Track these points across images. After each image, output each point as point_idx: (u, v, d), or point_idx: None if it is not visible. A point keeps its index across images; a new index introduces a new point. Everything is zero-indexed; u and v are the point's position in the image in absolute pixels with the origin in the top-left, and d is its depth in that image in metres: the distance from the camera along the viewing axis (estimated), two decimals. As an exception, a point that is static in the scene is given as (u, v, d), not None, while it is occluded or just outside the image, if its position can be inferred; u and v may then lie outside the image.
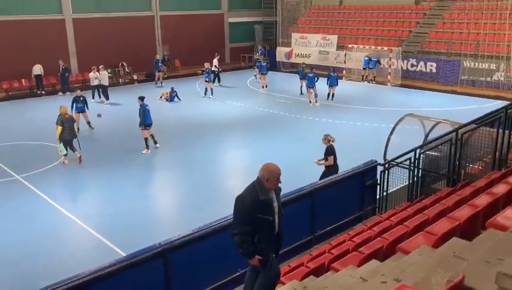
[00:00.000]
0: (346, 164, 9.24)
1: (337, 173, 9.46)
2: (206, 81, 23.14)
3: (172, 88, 22.50)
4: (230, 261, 6.47)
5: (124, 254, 8.07)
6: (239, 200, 4.65)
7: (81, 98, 16.62)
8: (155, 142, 14.75)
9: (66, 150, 13.50)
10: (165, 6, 30.86)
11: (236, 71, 31.47)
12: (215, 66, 25.82)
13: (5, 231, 9.57)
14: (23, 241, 9.14)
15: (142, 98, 14.44)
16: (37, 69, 24.35)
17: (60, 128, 13.40)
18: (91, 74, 22.25)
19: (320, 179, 9.21)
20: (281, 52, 31.81)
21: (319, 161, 10.14)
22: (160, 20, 30.87)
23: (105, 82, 22.30)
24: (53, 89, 24.58)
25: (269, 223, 4.65)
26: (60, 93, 23.80)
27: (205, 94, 23.12)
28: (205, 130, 17.09)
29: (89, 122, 16.98)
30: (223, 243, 6.39)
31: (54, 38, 26.19)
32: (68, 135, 13.48)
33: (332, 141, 10.00)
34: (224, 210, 6.39)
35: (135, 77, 28.62)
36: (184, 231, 6.24)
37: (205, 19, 32.81)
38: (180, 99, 22.23)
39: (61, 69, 23.77)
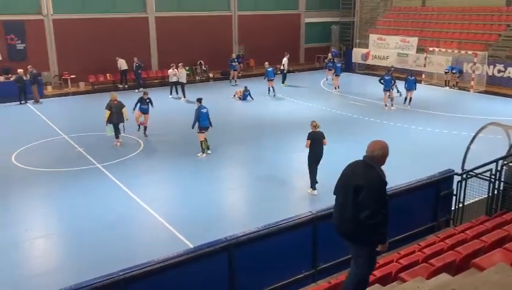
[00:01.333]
0: (421, 172, 8.86)
1: (311, 159, 11.03)
2: (268, 80, 23.38)
3: (245, 87, 22.83)
4: (294, 262, 6.47)
5: (191, 246, 8.35)
6: (379, 181, 4.45)
7: (147, 100, 16.24)
8: (207, 148, 14.24)
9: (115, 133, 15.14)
10: (242, 6, 31.39)
11: (310, 72, 31.31)
12: (283, 66, 25.84)
13: (93, 216, 10.25)
14: (106, 226, 9.71)
15: (199, 100, 14.01)
16: (123, 64, 25.74)
17: (108, 112, 14.90)
18: (170, 71, 23.18)
19: None
20: (357, 54, 31.19)
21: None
22: (237, 20, 31.45)
23: (184, 79, 23.09)
24: (134, 84, 25.84)
25: (387, 205, 4.55)
26: (137, 90, 24.75)
27: (268, 93, 23.43)
28: (276, 130, 17.16)
29: (145, 128, 16.32)
30: (288, 243, 6.40)
31: (137, 36, 27.59)
32: (115, 119, 14.96)
33: (317, 127, 11.14)
34: (290, 210, 6.39)
35: (211, 75, 29.41)
36: (250, 228, 6.31)
37: (281, 19, 32.96)
38: (252, 98, 22.51)
39: (134, 66, 24.78)
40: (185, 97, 22.73)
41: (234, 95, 23.05)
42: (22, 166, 13.43)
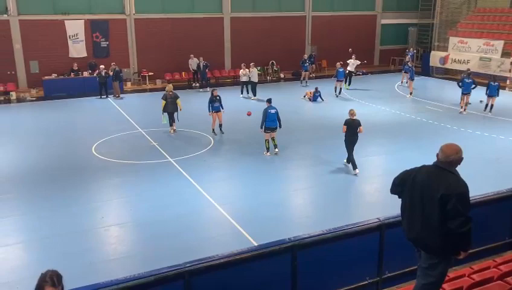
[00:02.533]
0: (500, 184, 8.31)
1: (347, 143, 12.79)
2: (337, 80, 23.11)
3: (316, 88, 22.65)
4: (358, 269, 6.32)
5: (255, 244, 8.43)
6: (464, 186, 4.32)
7: (217, 98, 16.49)
8: (275, 147, 14.32)
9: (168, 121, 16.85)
10: (317, 6, 31.16)
11: (384, 74, 30.44)
12: (350, 67, 25.30)
13: (162, 208, 10.67)
14: (175, 218, 10.07)
15: (269, 101, 14.21)
16: (194, 64, 26.42)
17: (163, 102, 16.66)
18: (241, 71, 23.59)
19: None
20: (435, 57, 29.83)
21: None
22: (311, 21, 31.27)
23: (255, 79, 23.34)
24: (207, 82, 26.46)
25: None
26: (201, 89, 25.24)
27: (335, 92, 23.23)
28: (346, 133, 16.87)
29: (220, 125, 16.69)
30: (354, 249, 6.27)
31: (212, 36, 28.29)
32: (170, 108, 16.63)
33: (354, 116, 12.57)
34: (357, 215, 6.25)
35: (282, 76, 29.49)
36: (315, 230, 6.25)
37: (356, 20, 32.31)
38: (323, 100, 22.28)
39: (201, 66, 25.26)
40: (255, 96, 22.97)
41: (304, 96, 22.95)
42: (101, 157, 14.25)
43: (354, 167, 12.76)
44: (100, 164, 13.69)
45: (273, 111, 14.03)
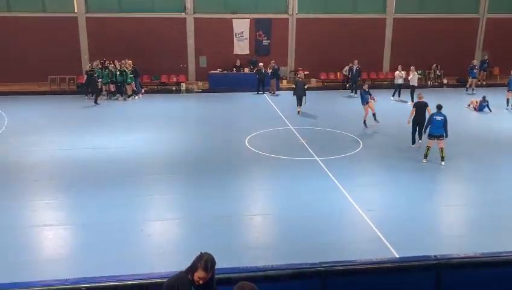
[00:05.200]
0: None
1: (414, 123, 14.73)
2: (508, 90, 20.70)
3: (483, 97, 20.57)
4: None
5: (397, 255, 8.05)
6: None
7: (368, 91, 17.42)
8: (442, 159, 13.40)
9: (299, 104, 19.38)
10: (493, 7, 28.24)
11: None
12: None
13: (305, 205, 10.84)
14: (315, 216, 10.17)
15: (438, 107, 13.50)
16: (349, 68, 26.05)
17: (295, 86, 19.79)
18: (396, 73, 22.83)
19: None
20: None
21: None
22: (485, 24, 28.49)
23: (414, 82, 22.17)
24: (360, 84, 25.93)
25: None
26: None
27: (507, 105, 20.79)
28: (514, 149, 15.06)
29: (374, 114, 17.40)
30: (509, 278, 5.58)
31: (373, 37, 27.64)
32: (297, 93, 19.63)
33: (422, 98, 14.81)
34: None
35: (445, 81, 27.49)
36: (465, 251, 5.72)
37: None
38: (490, 111, 20.17)
39: (354, 69, 24.67)
40: (412, 101, 21.83)
41: (469, 105, 21.06)
42: (253, 149, 15.00)
43: (413, 142, 14.80)
44: (251, 156, 14.42)
45: (439, 118, 13.33)
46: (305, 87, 19.98)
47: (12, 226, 9.57)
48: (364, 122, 17.47)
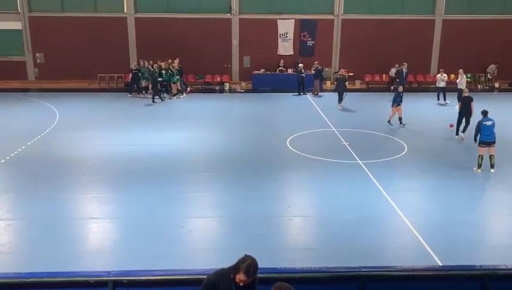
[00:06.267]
0: None
1: (460, 115, 15.89)
2: None
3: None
4: None
5: (439, 263, 7.81)
6: None
7: (402, 94, 17.70)
8: (491, 166, 12.89)
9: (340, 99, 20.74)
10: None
11: None
12: None
13: (345, 208, 10.72)
14: (353, 221, 10.03)
15: (484, 113, 12.98)
16: (396, 70, 25.46)
17: (335, 83, 20.95)
18: (438, 76, 22.34)
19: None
20: None
21: None
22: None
23: (462, 86, 21.37)
24: (409, 87, 25.35)
25: None
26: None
27: None
28: None
29: (400, 118, 17.58)
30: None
31: (420, 38, 26.95)
32: (338, 89, 21.11)
33: (467, 93, 15.98)
34: None
35: (496, 85, 26.42)
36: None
37: None
38: (545, 117, 19.24)
39: (404, 72, 24.13)
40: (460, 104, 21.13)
41: (522, 110, 20.19)
42: (294, 150, 14.96)
43: (457, 133, 15.75)
44: (292, 157, 14.38)
45: (489, 123, 12.80)
46: (346, 83, 21.54)
47: (60, 218, 9.98)
48: (389, 121, 17.79)
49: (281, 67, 26.71)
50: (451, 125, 16.31)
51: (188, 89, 25.31)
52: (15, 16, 26.46)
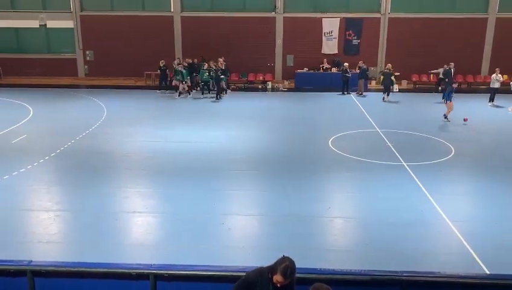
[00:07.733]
0: None
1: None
2: None
3: None
4: None
5: (487, 272, 7.50)
6: None
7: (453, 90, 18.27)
8: None
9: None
10: None
11: None
12: None
13: (388, 210, 10.50)
14: (396, 224, 9.80)
15: None
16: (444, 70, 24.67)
17: (382, 77, 22.17)
18: (493, 76, 21.44)
19: None
20: None
21: None
22: None
23: (516, 87, 20.61)
24: (459, 88, 24.44)
25: None
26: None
27: None
28: None
29: (445, 114, 18.07)
30: None
31: (471, 37, 26.01)
32: (385, 82, 22.22)
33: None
34: None
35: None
36: None
37: None
38: None
39: (452, 71, 23.34)
40: (514, 108, 20.29)
41: None
42: (336, 150, 14.77)
43: None
44: (334, 157, 14.21)
45: None
46: (392, 78, 22.44)
47: (105, 211, 10.30)
48: (446, 116, 18.02)
49: (324, 66, 26.46)
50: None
51: (231, 88, 25.54)
52: (68, 15, 27.54)
